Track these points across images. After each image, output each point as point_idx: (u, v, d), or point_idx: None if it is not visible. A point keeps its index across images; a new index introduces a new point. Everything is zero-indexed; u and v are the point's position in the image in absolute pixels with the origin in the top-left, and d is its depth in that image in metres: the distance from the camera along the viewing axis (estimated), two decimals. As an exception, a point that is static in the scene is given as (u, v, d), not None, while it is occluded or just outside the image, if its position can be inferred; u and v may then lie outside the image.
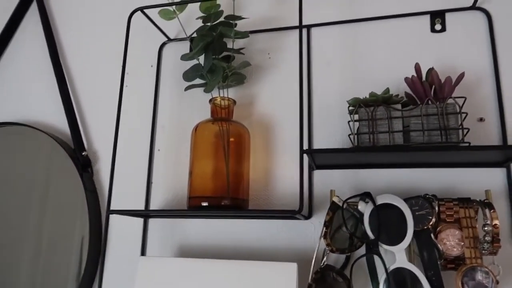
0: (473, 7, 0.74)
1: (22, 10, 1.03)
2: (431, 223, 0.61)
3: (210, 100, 0.76)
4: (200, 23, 0.78)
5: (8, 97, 1.00)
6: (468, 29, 0.74)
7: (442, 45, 0.75)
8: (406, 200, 0.63)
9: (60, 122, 0.93)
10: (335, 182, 0.73)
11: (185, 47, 0.89)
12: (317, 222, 0.73)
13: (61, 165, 0.88)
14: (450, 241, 0.60)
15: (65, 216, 0.85)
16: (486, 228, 0.58)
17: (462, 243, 0.60)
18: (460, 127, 0.61)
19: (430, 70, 0.67)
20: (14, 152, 0.92)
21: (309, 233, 0.73)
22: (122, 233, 0.82)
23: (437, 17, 0.76)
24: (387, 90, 0.65)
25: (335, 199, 0.65)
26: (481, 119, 0.70)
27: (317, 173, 0.75)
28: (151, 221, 0.81)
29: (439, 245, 0.60)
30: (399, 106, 0.65)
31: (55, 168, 0.89)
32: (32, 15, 1.04)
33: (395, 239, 0.61)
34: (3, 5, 1.07)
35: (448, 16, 0.76)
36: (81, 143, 0.88)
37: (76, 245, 0.82)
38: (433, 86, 0.66)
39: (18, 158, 0.92)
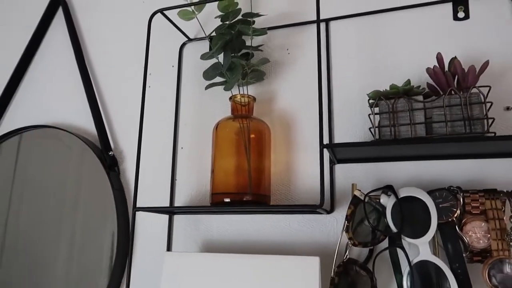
0: (498, -7, 0.72)
1: (48, 18, 1.07)
2: (455, 215, 0.60)
3: (230, 98, 0.77)
4: (218, 22, 0.79)
5: (37, 101, 1.05)
6: (493, 16, 0.72)
7: (466, 33, 0.73)
8: (429, 192, 0.62)
9: (87, 123, 0.97)
10: (356, 176, 0.73)
11: (205, 47, 0.90)
12: (340, 216, 0.73)
13: (89, 165, 0.91)
14: (476, 233, 0.59)
15: (95, 214, 0.88)
16: (513, 220, 0.56)
17: (489, 235, 0.58)
18: (485, 117, 0.59)
19: (453, 60, 0.65)
20: (45, 154, 0.97)
21: (331, 227, 0.73)
22: (148, 229, 0.85)
23: (460, 5, 0.74)
24: (408, 81, 0.64)
25: (356, 192, 0.65)
26: (508, 108, 0.68)
27: (338, 167, 0.74)
28: (176, 217, 0.83)
29: (464, 238, 0.59)
30: (420, 98, 0.64)
31: (84, 168, 0.92)
32: (58, 22, 1.08)
33: (419, 232, 0.60)
34: (31, 13, 1.12)
35: (471, 3, 0.74)
36: (107, 144, 0.91)
37: (106, 241, 0.85)
38: (456, 76, 0.65)
39: (48, 160, 0.96)
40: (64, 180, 0.93)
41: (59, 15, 1.07)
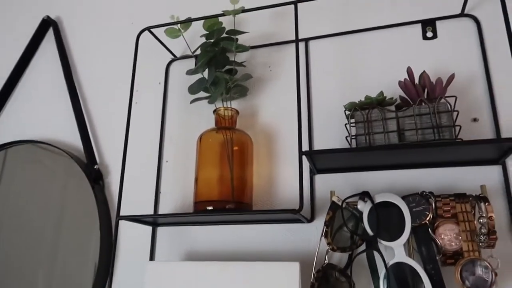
0: (462, 14, 0.78)
1: (39, 37, 1.11)
2: (428, 219, 0.62)
3: (214, 111, 0.80)
4: (204, 41, 0.83)
5: (26, 117, 1.06)
6: (459, 35, 0.78)
7: (435, 51, 0.78)
8: (403, 198, 0.65)
9: (74, 138, 0.98)
10: (336, 185, 0.75)
11: (190, 65, 0.94)
12: (320, 224, 0.74)
13: (74, 178, 0.92)
14: (448, 236, 0.62)
15: (79, 227, 0.88)
16: (481, 220, 0.59)
17: (460, 237, 0.61)
18: (452, 124, 0.63)
19: (422, 74, 0.70)
20: (31, 168, 0.97)
21: (312, 236, 0.74)
22: (132, 241, 0.85)
23: (428, 25, 0.80)
24: (381, 93, 0.69)
25: (334, 198, 0.67)
26: (475, 120, 0.72)
27: (318, 178, 0.77)
28: (160, 229, 0.84)
29: (437, 240, 0.62)
30: (393, 108, 0.68)
31: (69, 182, 0.93)
32: (48, 41, 1.11)
33: (394, 235, 0.62)
34: (23, 31, 1.15)
35: (438, 23, 0.79)
36: (93, 157, 0.93)
37: (89, 253, 0.85)
38: (426, 89, 0.69)
39: (34, 174, 0.96)
40: (49, 194, 0.93)
41: (49, 34, 1.10)
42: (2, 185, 0.99)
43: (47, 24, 1.10)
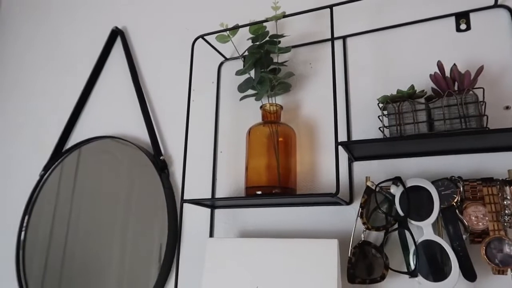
0: (496, 5, 0.80)
1: (110, 44, 1.27)
2: (455, 201, 0.68)
3: (261, 107, 0.90)
4: (250, 43, 0.93)
5: (100, 116, 1.23)
6: (493, 26, 0.81)
7: (469, 43, 0.82)
8: (433, 182, 0.71)
9: (142, 133, 1.13)
10: (372, 171, 0.83)
11: (239, 65, 1.05)
12: (358, 207, 0.82)
13: (143, 168, 1.07)
14: (475, 216, 0.67)
15: (148, 211, 1.03)
16: (505, 202, 0.64)
17: (487, 218, 0.66)
18: (479, 114, 0.68)
19: (452, 67, 0.75)
20: (104, 161, 1.14)
21: (350, 217, 0.83)
22: (194, 222, 0.98)
23: (462, 18, 0.83)
24: (412, 86, 0.74)
25: (369, 183, 0.75)
26: (507, 107, 0.76)
27: (356, 164, 0.85)
28: (217, 211, 0.96)
29: (464, 220, 0.68)
30: (423, 100, 0.74)
31: (139, 171, 1.08)
32: (117, 49, 1.27)
33: (423, 216, 0.69)
34: (93, 40, 1.32)
35: (472, 16, 0.83)
36: (159, 150, 1.07)
37: (157, 233, 1.00)
38: (456, 81, 0.74)
39: (108, 166, 1.13)
40: (122, 183, 1.09)
41: (118, 42, 1.26)
42: (79, 175, 1.17)
43: (115, 34, 1.26)
